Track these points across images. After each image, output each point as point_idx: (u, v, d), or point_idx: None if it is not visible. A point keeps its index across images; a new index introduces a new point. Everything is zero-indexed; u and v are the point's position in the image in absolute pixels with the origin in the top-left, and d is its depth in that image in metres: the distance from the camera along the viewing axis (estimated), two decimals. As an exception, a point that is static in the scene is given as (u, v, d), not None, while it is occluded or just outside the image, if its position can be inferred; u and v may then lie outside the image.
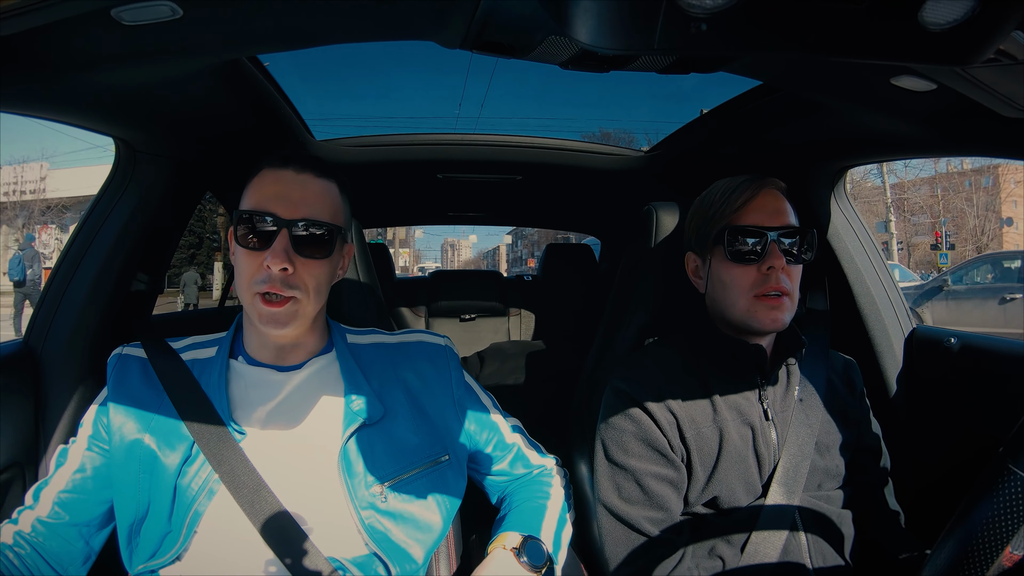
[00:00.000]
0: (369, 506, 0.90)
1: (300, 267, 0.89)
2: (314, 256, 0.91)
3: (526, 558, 0.92)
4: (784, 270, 0.99)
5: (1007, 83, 0.77)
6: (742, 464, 1.01)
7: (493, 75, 1.87)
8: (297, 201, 0.91)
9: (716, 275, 1.05)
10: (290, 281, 0.88)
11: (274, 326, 0.89)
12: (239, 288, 0.92)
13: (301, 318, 0.91)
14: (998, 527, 0.57)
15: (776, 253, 0.99)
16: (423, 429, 0.99)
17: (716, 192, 1.07)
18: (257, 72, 1.23)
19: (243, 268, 0.90)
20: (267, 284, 0.87)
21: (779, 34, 0.57)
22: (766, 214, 1.01)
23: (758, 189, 1.02)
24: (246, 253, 0.90)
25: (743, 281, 1.01)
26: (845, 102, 1.08)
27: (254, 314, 0.90)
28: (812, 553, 1.00)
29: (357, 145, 1.90)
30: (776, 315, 0.99)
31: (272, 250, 0.87)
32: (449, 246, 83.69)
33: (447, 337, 1.11)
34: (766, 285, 0.99)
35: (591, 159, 2.01)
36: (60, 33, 0.76)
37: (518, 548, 0.93)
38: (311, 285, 0.91)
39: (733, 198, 1.03)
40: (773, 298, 0.99)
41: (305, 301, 0.91)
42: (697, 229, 1.09)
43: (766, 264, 0.99)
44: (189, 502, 0.86)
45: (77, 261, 1.24)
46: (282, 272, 0.87)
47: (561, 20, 0.59)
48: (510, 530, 0.98)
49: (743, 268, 1.01)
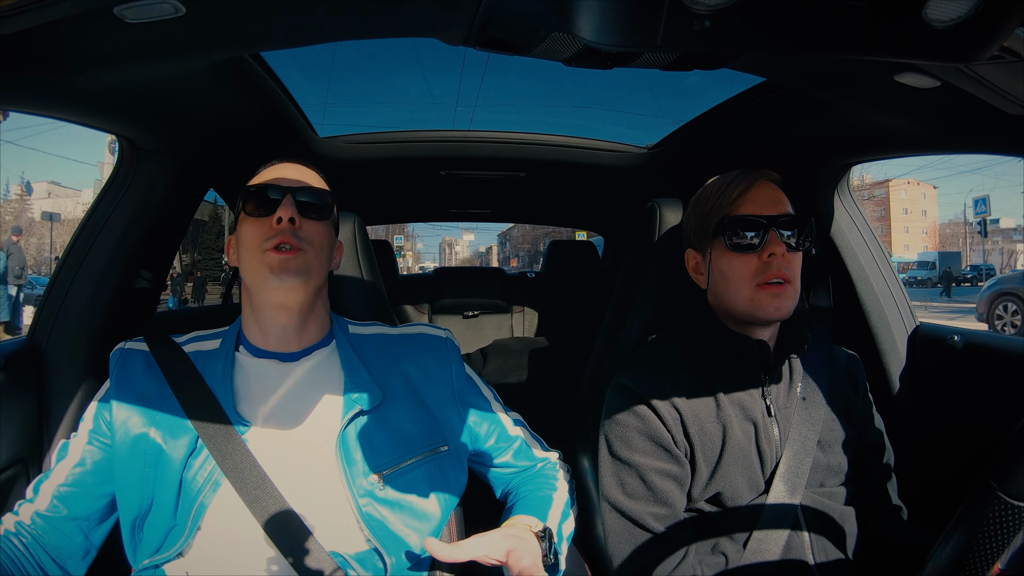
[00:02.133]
0: (367, 494, 0.91)
1: (305, 225, 0.95)
2: (316, 217, 0.97)
3: (545, 545, 0.92)
4: (784, 258, 0.99)
5: (1010, 80, 0.76)
6: (745, 460, 1.01)
7: (496, 72, 1.86)
8: (296, 177, 0.99)
9: (717, 268, 1.05)
10: (299, 234, 0.94)
11: (287, 273, 0.92)
12: (247, 257, 0.95)
13: (311, 274, 0.95)
14: (985, 547, 0.58)
15: (776, 240, 0.99)
16: (422, 419, 0.99)
17: (712, 187, 1.08)
18: (260, 70, 1.24)
19: (251, 233, 0.95)
20: (278, 236, 0.92)
21: (782, 31, 0.57)
22: (763, 204, 1.02)
23: (753, 180, 1.03)
24: (254, 220, 0.95)
25: (744, 270, 1.01)
26: (848, 99, 1.08)
27: (264, 268, 0.92)
28: (815, 549, 1.01)
29: (360, 142, 1.90)
30: (780, 303, 0.99)
31: (281, 207, 0.94)
32: (447, 245, 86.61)
33: (448, 330, 1.11)
34: (768, 273, 0.99)
35: (594, 156, 2.01)
36: (63, 31, 0.76)
37: (541, 533, 0.93)
38: (316, 242, 0.96)
39: (729, 190, 1.03)
40: (775, 285, 0.99)
41: (312, 256, 0.95)
42: (695, 225, 1.10)
43: (767, 252, 0.99)
44: (194, 495, 0.87)
45: (81, 258, 1.25)
46: (291, 224, 0.93)
47: (564, 17, 0.59)
48: (530, 515, 0.98)
49: (744, 257, 1.01)
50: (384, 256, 3.04)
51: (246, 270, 0.96)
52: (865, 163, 1.45)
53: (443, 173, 2.18)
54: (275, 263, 0.92)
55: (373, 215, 3.13)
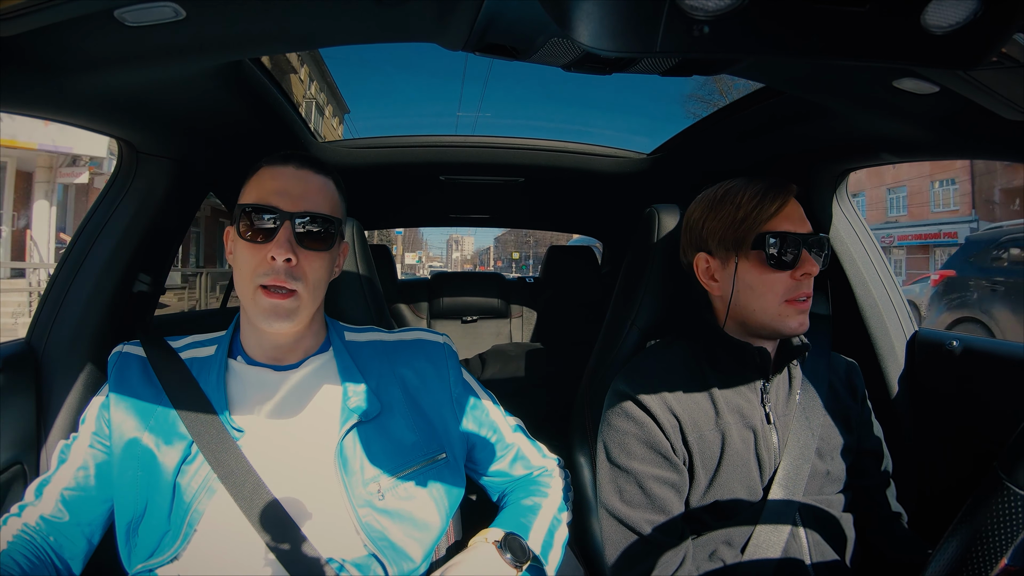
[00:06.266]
0: (366, 504, 0.90)
1: (303, 259, 0.90)
2: (316, 248, 0.92)
3: (509, 554, 0.91)
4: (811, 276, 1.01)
5: (1009, 86, 0.77)
6: (744, 467, 1.01)
7: (495, 78, 1.87)
8: (298, 196, 0.92)
9: (745, 279, 1.03)
10: (294, 273, 0.89)
11: (276, 319, 0.89)
12: (239, 283, 0.92)
13: (301, 313, 0.92)
14: (993, 541, 0.57)
15: (811, 261, 1.00)
16: (420, 427, 0.99)
17: (741, 194, 1.04)
18: (260, 74, 1.24)
19: (245, 261, 0.90)
20: (271, 276, 0.88)
21: (781, 37, 0.57)
22: (796, 221, 1.02)
23: (788, 195, 1.03)
24: (248, 247, 0.90)
25: (778, 286, 1.01)
26: (847, 105, 1.08)
27: (255, 308, 0.90)
28: (811, 549, 1.01)
29: (359, 147, 1.90)
30: (803, 319, 1.01)
31: (276, 241, 0.88)
32: (454, 241, 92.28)
33: (446, 335, 1.11)
34: (799, 291, 1.01)
35: (593, 161, 2.01)
36: (63, 34, 0.76)
37: (500, 542, 0.92)
38: (311, 278, 0.92)
39: (766, 203, 1.01)
40: (802, 303, 1.01)
41: (305, 296, 0.91)
42: (720, 231, 1.05)
43: (801, 271, 1.00)
44: (188, 501, 0.86)
45: (80, 261, 1.24)
46: (286, 263, 0.88)
47: (563, 23, 0.59)
48: (496, 526, 0.98)
49: (778, 274, 1.01)
50: (382, 260, 3.04)
51: (239, 290, 0.93)
52: (864, 168, 1.45)
53: (443, 178, 2.18)
54: (265, 307, 0.89)
55: (372, 220, 3.12)
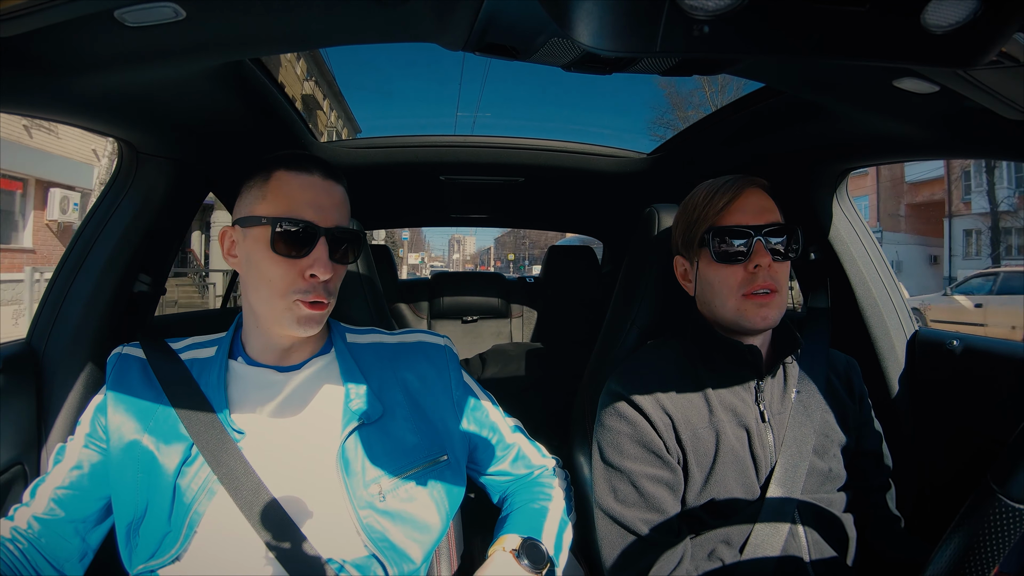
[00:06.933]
0: (367, 505, 0.90)
1: (334, 273, 0.93)
2: (344, 261, 0.96)
3: (527, 560, 0.92)
4: (771, 268, 0.99)
5: (1009, 85, 0.77)
6: (739, 465, 1.01)
7: (494, 78, 1.87)
8: (328, 208, 0.92)
9: (704, 277, 1.05)
10: (329, 288, 0.92)
11: (309, 327, 0.91)
12: (270, 296, 0.90)
13: (327, 317, 0.96)
14: (985, 551, 0.57)
15: (762, 251, 0.99)
16: (422, 429, 0.99)
17: (699, 194, 1.07)
18: (260, 74, 1.24)
19: (279, 277, 0.89)
20: (312, 294, 0.90)
21: (781, 36, 0.57)
22: (750, 213, 1.01)
23: (740, 188, 1.02)
24: (281, 261, 0.89)
25: (731, 281, 1.01)
26: (847, 104, 1.08)
27: (288, 316, 0.90)
28: (810, 546, 1.01)
29: (359, 147, 1.90)
30: (766, 312, 0.99)
31: (316, 259, 0.89)
32: (455, 241, 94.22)
33: (447, 337, 1.11)
34: (754, 284, 0.99)
35: (594, 161, 2.01)
36: (63, 34, 0.76)
37: (518, 550, 0.93)
38: (337, 287, 0.96)
39: (716, 199, 1.02)
40: (762, 296, 0.99)
41: (334, 303, 0.95)
42: (683, 233, 1.09)
43: (752, 263, 0.99)
44: (189, 503, 0.86)
45: (80, 262, 1.24)
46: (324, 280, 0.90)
47: (563, 22, 0.59)
48: (511, 532, 0.98)
49: (730, 268, 1.01)
50: (384, 262, 3.04)
51: (263, 306, 0.92)
52: (863, 167, 1.45)
53: (443, 178, 2.18)
54: (303, 316, 0.90)
55: (372, 220, 3.13)
